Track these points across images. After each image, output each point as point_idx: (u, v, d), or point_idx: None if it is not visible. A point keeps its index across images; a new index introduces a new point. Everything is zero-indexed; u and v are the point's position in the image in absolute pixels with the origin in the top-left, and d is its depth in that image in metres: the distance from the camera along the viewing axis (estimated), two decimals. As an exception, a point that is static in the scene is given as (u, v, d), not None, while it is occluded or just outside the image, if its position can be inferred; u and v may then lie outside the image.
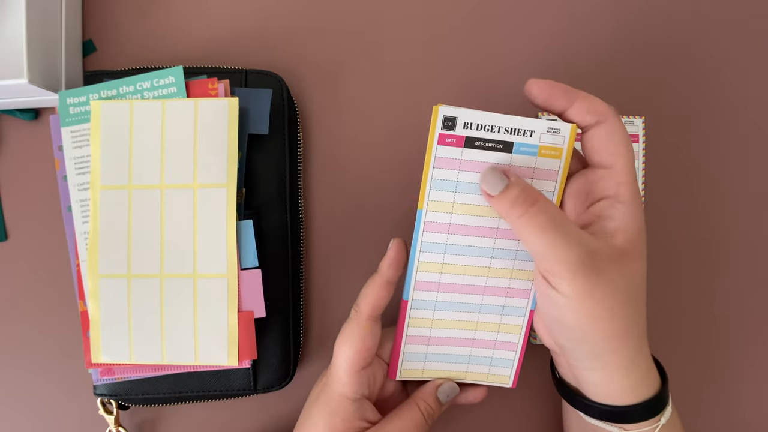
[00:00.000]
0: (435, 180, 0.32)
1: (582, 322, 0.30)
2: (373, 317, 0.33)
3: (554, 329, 0.32)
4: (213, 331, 0.36)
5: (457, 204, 0.32)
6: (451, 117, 0.30)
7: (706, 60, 0.44)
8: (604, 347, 0.30)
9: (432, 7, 0.43)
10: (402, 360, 0.35)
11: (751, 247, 0.44)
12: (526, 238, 0.30)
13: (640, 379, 0.32)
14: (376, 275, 0.34)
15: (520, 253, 0.33)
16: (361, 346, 0.33)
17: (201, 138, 0.36)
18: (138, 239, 0.36)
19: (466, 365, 0.36)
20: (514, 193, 0.30)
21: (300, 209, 0.41)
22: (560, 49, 0.44)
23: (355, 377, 0.33)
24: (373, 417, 0.34)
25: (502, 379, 0.36)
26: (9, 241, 0.41)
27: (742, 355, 0.43)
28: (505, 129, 0.31)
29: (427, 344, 0.35)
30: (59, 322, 0.41)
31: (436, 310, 0.34)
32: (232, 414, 0.41)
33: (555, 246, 0.29)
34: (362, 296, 0.34)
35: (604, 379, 0.31)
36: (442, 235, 0.33)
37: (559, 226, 0.29)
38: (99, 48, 0.42)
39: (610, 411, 0.32)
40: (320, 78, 0.43)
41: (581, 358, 0.31)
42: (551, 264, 0.29)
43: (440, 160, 0.31)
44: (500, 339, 0.35)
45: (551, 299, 0.30)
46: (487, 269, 0.33)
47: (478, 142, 0.31)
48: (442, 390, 0.35)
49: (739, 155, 0.44)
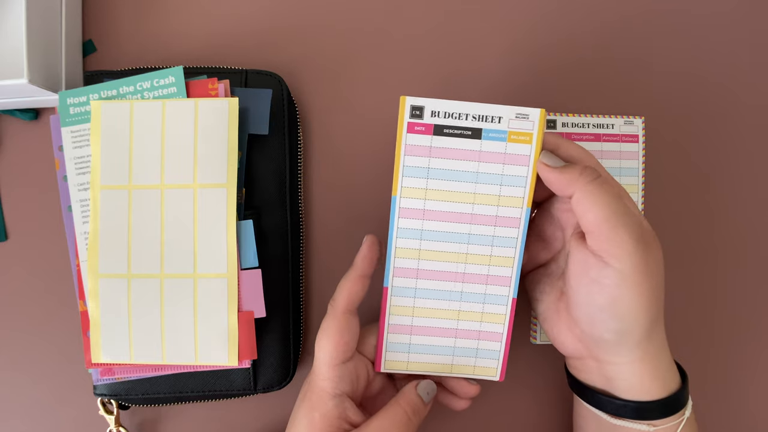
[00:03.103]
0: (407, 167, 0.33)
1: (637, 299, 0.30)
2: (349, 311, 0.34)
3: (598, 321, 0.31)
4: (213, 331, 0.36)
5: (430, 190, 0.33)
6: (419, 106, 0.32)
7: (706, 60, 0.44)
8: (645, 333, 0.31)
9: (432, 7, 0.43)
10: (385, 350, 0.35)
11: (752, 246, 0.44)
12: (593, 204, 0.30)
13: (667, 371, 0.32)
14: (350, 269, 0.34)
15: (497, 239, 0.34)
16: (339, 340, 0.33)
17: (201, 138, 0.36)
18: (138, 239, 0.36)
19: (451, 357, 0.36)
20: (582, 163, 0.31)
21: (300, 209, 0.41)
22: (560, 49, 0.44)
23: (335, 371, 0.33)
24: (355, 417, 0.33)
25: (489, 371, 0.36)
26: (9, 241, 0.41)
27: (744, 354, 0.43)
28: (472, 116, 0.32)
29: (410, 334, 0.35)
30: (59, 322, 0.41)
31: (416, 298, 0.34)
32: (232, 414, 0.41)
33: (623, 215, 0.30)
34: (337, 291, 0.34)
35: (639, 372, 0.32)
36: (417, 221, 0.33)
37: (624, 196, 0.31)
38: (99, 48, 0.42)
39: (642, 408, 0.32)
40: (320, 78, 0.43)
41: (623, 350, 0.32)
42: (614, 233, 0.29)
43: (410, 148, 0.33)
44: (484, 329, 0.35)
45: (602, 282, 0.30)
46: (464, 255, 0.34)
47: (447, 129, 0.32)
48: (421, 388, 0.35)
49: (739, 155, 0.44)
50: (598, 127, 0.41)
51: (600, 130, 0.41)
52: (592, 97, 0.44)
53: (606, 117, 0.41)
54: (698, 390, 0.43)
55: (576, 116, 0.41)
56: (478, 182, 0.33)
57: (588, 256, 0.31)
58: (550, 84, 0.43)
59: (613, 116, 0.41)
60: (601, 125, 0.41)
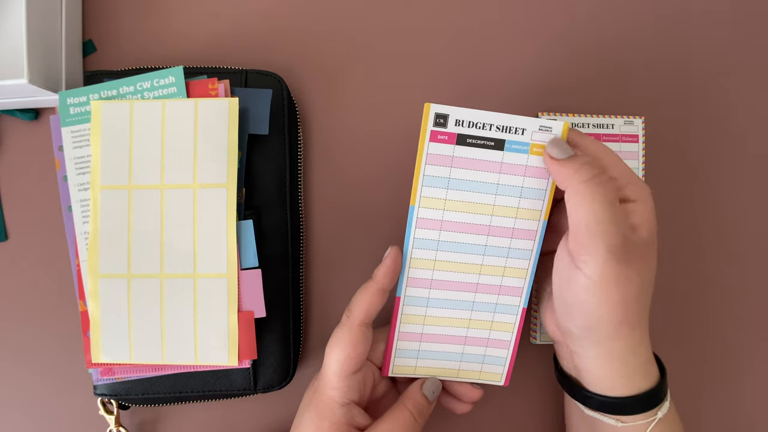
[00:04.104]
0: (427, 176, 0.32)
1: (599, 306, 0.30)
2: (365, 324, 0.33)
3: (567, 315, 0.32)
4: (213, 331, 0.36)
5: (450, 201, 0.32)
6: (443, 114, 0.31)
7: (706, 60, 0.44)
8: (610, 333, 0.31)
9: (432, 7, 0.43)
10: (394, 356, 0.35)
11: (751, 246, 0.44)
12: (579, 205, 0.29)
13: (637, 371, 0.32)
14: (370, 282, 0.33)
15: (512, 251, 0.33)
16: (352, 352, 0.33)
17: (201, 138, 0.36)
18: (138, 239, 0.36)
19: (458, 363, 0.36)
20: (585, 158, 0.30)
21: (300, 209, 0.41)
22: (560, 49, 0.44)
23: (345, 381, 0.33)
24: (362, 421, 0.33)
25: (494, 377, 0.36)
26: (9, 241, 0.41)
27: (742, 354, 0.43)
28: (496, 127, 0.31)
29: (420, 341, 0.35)
30: (59, 322, 0.41)
31: (428, 307, 0.34)
32: (232, 414, 0.41)
33: (605, 222, 0.29)
34: (355, 302, 0.34)
35: (604, 368, 0.32)
36: (435, 231, 0.33)
37: (615, 204, 0.30)
38: (99, 48, 0.42)
39: (607, 402, 0.32)
40: (320, 78, 0.43)
41: (588, 345, 0.32)
42: (590, 240, 0.29)
43: (432, 157, 0.32)
44: (492, 337, 0.35)
45: (572, 283, 0.30)
46: (479, 266, 0.34)
47: (470, 139, 0.31)
48: (426, 387, 0.35)
49: (739, 155, 0.44)
50: (598, 127, 0.41)
51: (600, 130, 0.41)
52: (592, 97, 0.44)
53: (606, 117, 0.41)
54: (694, 390, 0.43)
55: (576, 116, 0.41)
56: (498, 194, 0.32)
57: (566, 253, 0.31)
58: (550, 84, 0.43)
59: (613, 116, 0.41)
60: (601, 125, 0.41)
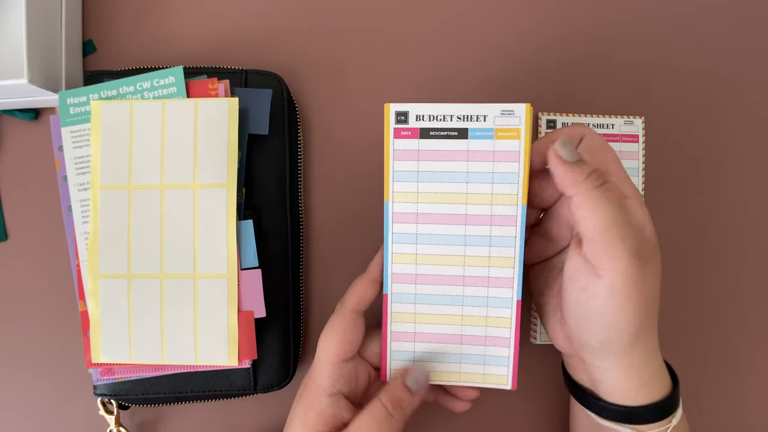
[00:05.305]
0: (396, 172, 0.33)
1: (619, 313, 0.29)
2: (357, 311, 0.34)
3: (584, 327, 0.31)
4: (213, 331, 0.36)
5: (422, 193, 0.33)
6: (403, 111, 0.33)
7: (706, 60, 0.44)
8: (630, 340, 0.30)
9: (432, 6, 0.43)
10: (390, 359, 0.35)
11: (751, 246, 0.44)
12: (590, 213, 0.29)
13: (653, 378, 0.32)
14: (364, 273, 0.35)
15: (494, 239, 0.33)
16: (343, 338, 0.33)
17: (201, 138, 0.36)
18: (138, 239, 0.36)
19: (458, 365, 0.35)
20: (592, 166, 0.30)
21: (300, 209, 0.41)
22: (561, 49, 0.44)
23: (335, 369, 0.33)
24: (347, 415, 0.33)
25: (499, 380, 0.35)
26: (9, 241, 0.41)
27: (742, 355, 0.43)
28: (457, 117, 0.32)
29: (413, 341, 0.35)
30: (59, 322, 0.41)
31: (417, 304, 0.34)
32: (232, 414, 0.41)
33: (622, 226, 0.29)
34: (348, 292, 0.35)
35: (624, 378, 0.31)
36: (412, 225, 0.33)
37: (624, 205, 0.30)
38: (99, 48, 0.42)
39: (625, 412, 0.32)
40: (320, 78, 0.43)
41: (607, 356, 0.31)
42: (611, 244, 0.28)
43: (399, 153, 0.33)
44: (490, 334, 0.34)
45: (591, 292, 0.30)
46: (462, 258, 0.34)
47: (433, 132, 0.33)
48: (410, 378, 0.33)
49: (740, 155, 0.44)
50: (598, 127, 0.41)
51: (600, 130, 0.41)
52: (592, 97, 0.43)
53: (606, 117, 0.41)
54: (694, 391, 0.43)
55: (576, 116, 0.41)
56: (469, 182, 0.33)
57: (581, 263, 0.30)
58: (550, 84, 0.43)
59: (613, 116, 0.41)
60: (601, 125, 0.41)
